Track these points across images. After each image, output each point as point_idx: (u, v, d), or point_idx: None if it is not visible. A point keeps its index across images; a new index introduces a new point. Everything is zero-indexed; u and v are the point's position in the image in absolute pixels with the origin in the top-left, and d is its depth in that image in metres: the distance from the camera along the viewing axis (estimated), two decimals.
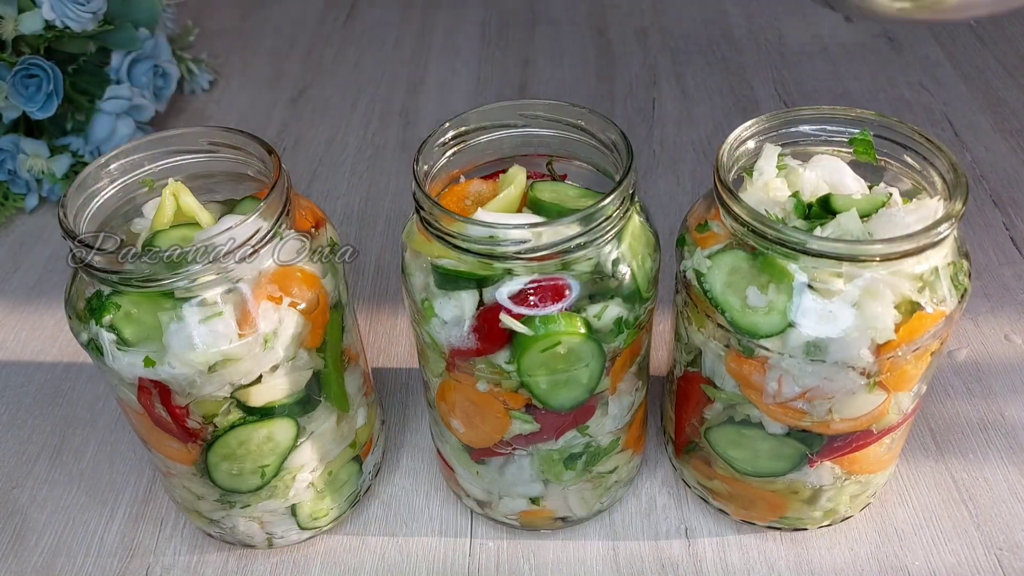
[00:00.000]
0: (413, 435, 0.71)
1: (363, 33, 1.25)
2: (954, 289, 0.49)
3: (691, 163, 0.97)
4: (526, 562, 0.62)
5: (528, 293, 0.48)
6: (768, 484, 0.58)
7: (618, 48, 1.17)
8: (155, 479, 0.68)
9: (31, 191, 0.95)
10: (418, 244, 0.51)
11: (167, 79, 1.03)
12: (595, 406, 0.54)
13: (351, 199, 0.95)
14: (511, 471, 0.58)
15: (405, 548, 0.63)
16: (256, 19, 1.29)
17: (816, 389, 0.50)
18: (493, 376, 0.51)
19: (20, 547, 0.64)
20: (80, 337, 0.51)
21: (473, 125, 0.54)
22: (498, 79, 1.13)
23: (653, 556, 0.61)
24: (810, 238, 0.46)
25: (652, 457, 0.68)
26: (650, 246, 0.52)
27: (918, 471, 0.65)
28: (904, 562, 0.60)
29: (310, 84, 1.14)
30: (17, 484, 0.69)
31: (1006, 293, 0.79)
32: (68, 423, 0.73)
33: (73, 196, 0.51)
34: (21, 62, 0.87)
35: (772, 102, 1.05)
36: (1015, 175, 0.92)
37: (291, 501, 0.59)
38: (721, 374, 0.54)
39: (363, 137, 1.04)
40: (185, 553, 0.63)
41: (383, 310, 0.82)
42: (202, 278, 0.48)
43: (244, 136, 0.54)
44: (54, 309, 0.83)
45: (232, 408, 0.52)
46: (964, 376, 0.72)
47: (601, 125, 0.53)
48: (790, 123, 0.55)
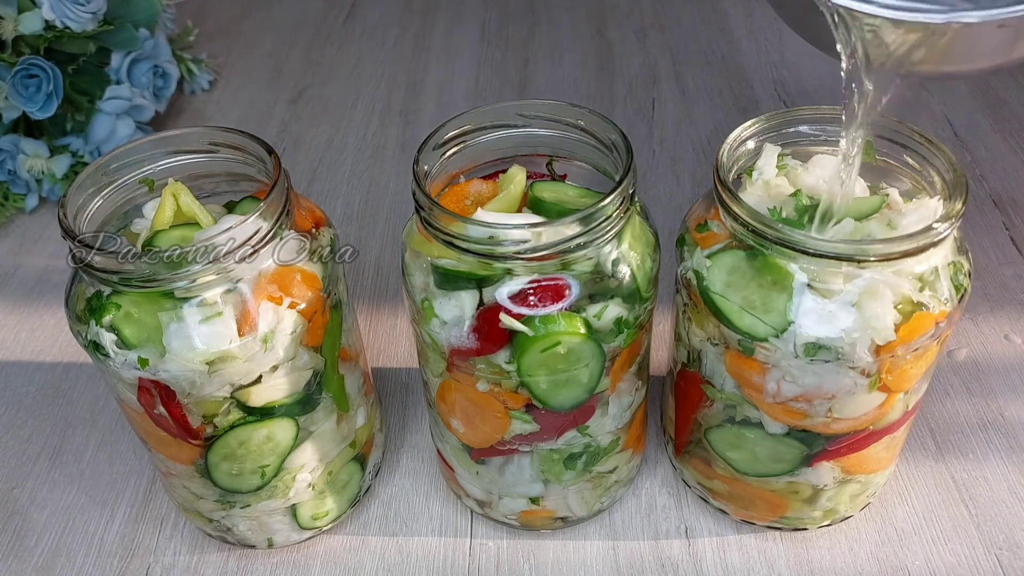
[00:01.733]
0: (413, 435, 0.71)
1: (363, 33, 1.25)
2: (954, 289, 0.49)
3: (691, 163, 0.97)
4: (526, 562, 0.62)
5: (528, 293, 0.48)
6: (768, 484, 0.58)
7: (618, 48, 1.17)
8: (155, 479, 0.68)
9: (31, 191, 0.95)
10: (418, 244, 0.51)
11: (167, 79, 1.03)
12: (595, 406, 0.54)
13: (351, 199, 0.95)
14: (511, 471, 0.58)
15: (405, 548, 0.63)
16: (256, 19, 1.29)
17: (816, 389, 0.50)
18: (493, 376, 0.51)
19: (20, 547, 0.64)
20: (80, 337, 0.51)
21: (473, 125, 0.54)
22: (498, 79, 1.13)
23: (653, 556, 0.61)
24: (810, 238, 0.46)
25: (652, 457, 0.68)
26: (650, 246, 0.52)
27: (918, 471, 0.65)
28: (904, 562, 0.60)
29: (310, 84, 1.14)
30: (17, 484, 0.69)
31: (1006, 293, 0.79)
32: (68, 423, 0.73)
33: (73, 196, 0.51)
34: (21, 62, 0.87)
35: (772, 102, 1.05)
36: (1015, 175, 0.92)
37: (291, 501, 0.59)
38: (721, 374, 0.54)
39: (363, 137, 1.04)
40: (185, 553, 0.63)
41: (383, 310, 0.82)
42: (202, 278, 0.48)
43: (244, 136, 0.54)
44: (54, 309, 0.83)
45: (232, 408, 0.52)
46: (964, 376, 0.72)
47: (601, 125, 0.53)
48: (790, 123, 0.55)
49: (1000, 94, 1.04)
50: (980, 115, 1.01)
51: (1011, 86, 1.05)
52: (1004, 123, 0.99)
